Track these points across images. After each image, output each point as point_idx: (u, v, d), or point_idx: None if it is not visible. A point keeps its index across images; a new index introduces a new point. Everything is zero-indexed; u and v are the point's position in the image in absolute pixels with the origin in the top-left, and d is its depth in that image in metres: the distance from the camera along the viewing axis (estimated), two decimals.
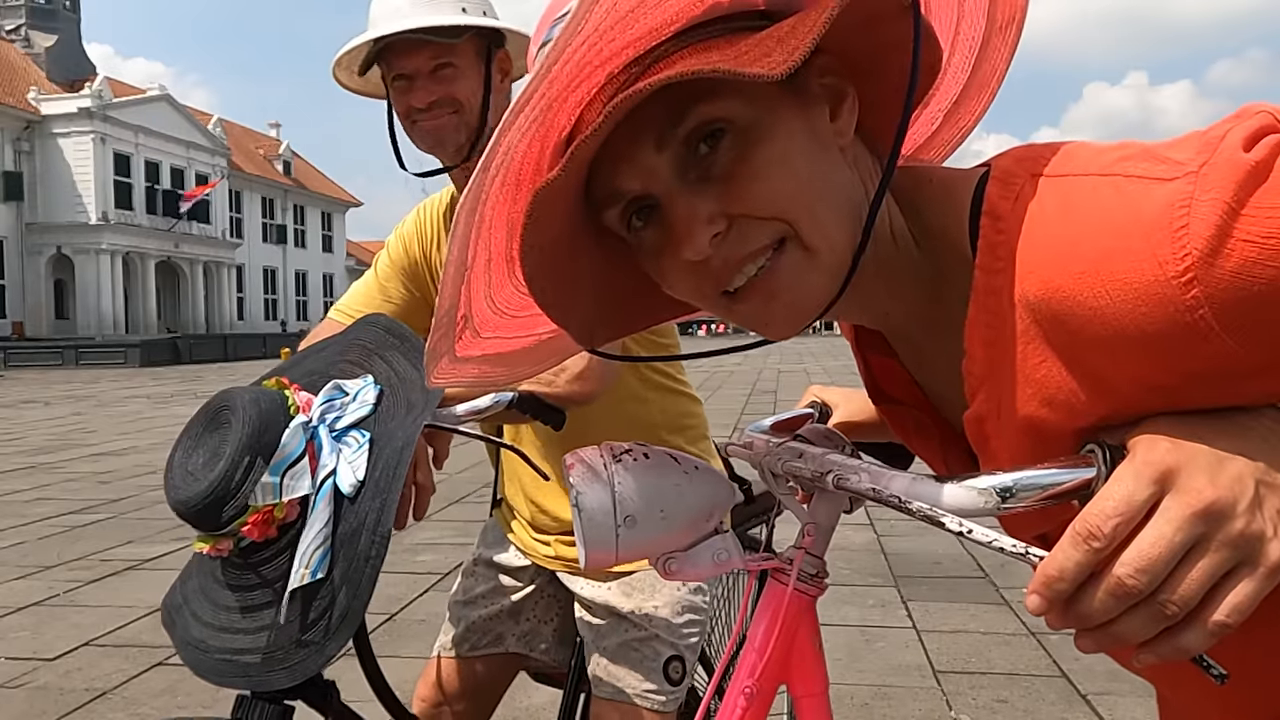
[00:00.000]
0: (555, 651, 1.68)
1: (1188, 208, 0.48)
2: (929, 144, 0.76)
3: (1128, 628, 0.51)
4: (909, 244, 0.66)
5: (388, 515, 1.03)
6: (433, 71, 1.44)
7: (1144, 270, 0.49)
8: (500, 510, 1.72)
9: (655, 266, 0.64)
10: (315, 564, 1.01)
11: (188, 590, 1.16)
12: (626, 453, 0.68)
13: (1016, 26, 0.68)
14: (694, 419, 1.62)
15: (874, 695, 2.98)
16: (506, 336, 0.73)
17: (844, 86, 0.63)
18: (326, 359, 1.25)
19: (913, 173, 0.68)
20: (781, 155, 0.59)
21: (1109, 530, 0.50)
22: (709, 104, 0.59)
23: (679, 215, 0.60)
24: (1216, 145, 0.49)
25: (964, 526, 0.55)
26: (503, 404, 1.25)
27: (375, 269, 1.66)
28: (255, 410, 1.05)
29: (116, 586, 4.35)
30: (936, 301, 0.65)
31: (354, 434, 1.09)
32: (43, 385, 19.74)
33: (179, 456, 1.08)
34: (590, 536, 0.66)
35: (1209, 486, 0.50)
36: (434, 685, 1.65)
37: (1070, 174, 0.56)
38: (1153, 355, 0.51)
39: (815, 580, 0.72)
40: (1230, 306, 0.48)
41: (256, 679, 1.05)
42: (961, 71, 0.71)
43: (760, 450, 0.77)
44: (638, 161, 0.60)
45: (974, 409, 0.63)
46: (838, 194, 0.61)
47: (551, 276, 0.63)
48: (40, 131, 35.94)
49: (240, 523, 1.03)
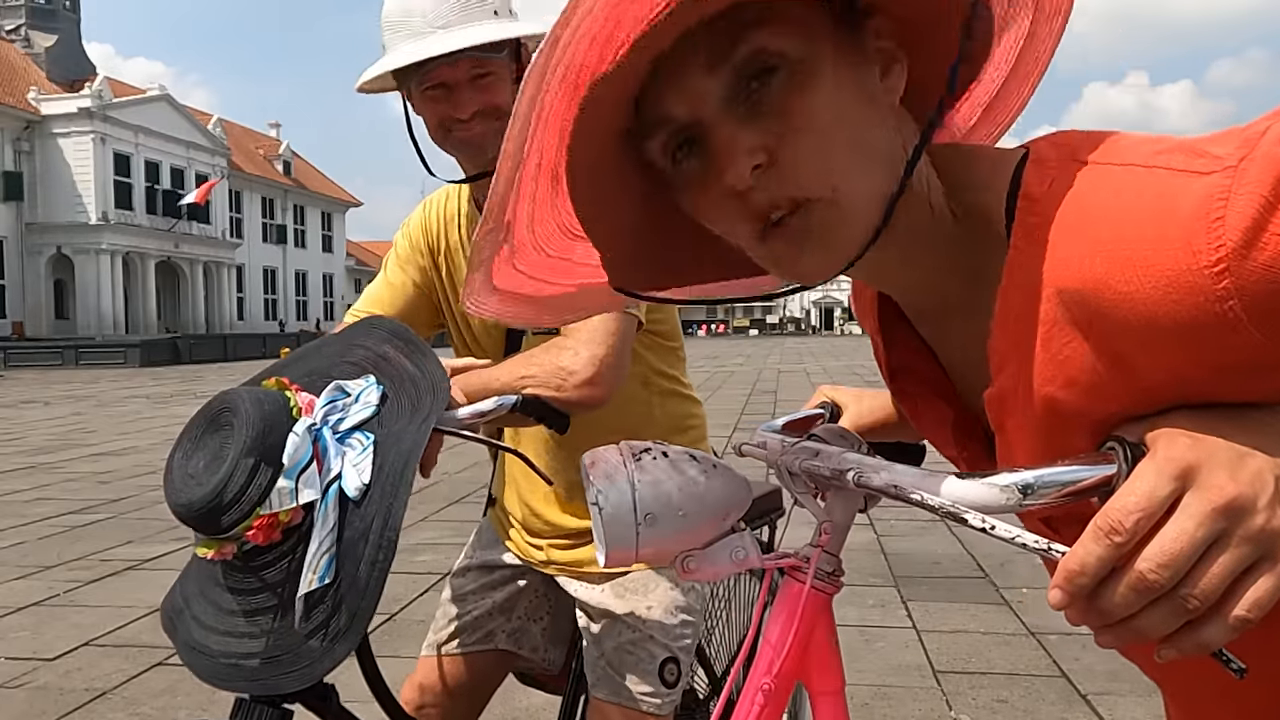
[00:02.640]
0: (544, 651, 1.67)
1: (1225, 200, 0.49)
2: (972, 133, 0.77)
3: (1149, 622, 0.51)
4: (945, 216, 0.66)
5: (395, 519, 1.01)
6: (472, 80, 1.42)
7: (1178, 259, 0.50)
8: (494, 512, 1.71)
9: (695, 201, 0.65)
10: (323, 569, 1.00)
11: (188, 593, 1.15)
12: (646, 452, 0.68)
13: (1064, 17, 0.68)
14: (695, 420, 1.62)
15: (874, 695, 2.98)
16: (537, 277, 0.73)
17: (896, 52, 0.64)
18: (326, 359, 1.23)
19: (955, 149, 0.69)
20: (830, 97, 0.60)
21: (1131, 525, 0.50)
22: (768, 31, 0.59)
23: (722, 141, 0.61)
24: (1256, 141, 0.50)
25: (986, 523, 0.55)
26: (506, 407, 1.22)
27: (384, 269, 1.66)
28: (258, 412, 1.04)
29: (116, 586, 4.35)
30: (969, 277, 0.66)
31: (357, 436, 1.07)
32: (43, 385, 19.73)
33: (178, 459, 1.07)
34: (611, 535, 0.66)
35: (1230, 482, 0.50)
36: (423, 684, 1.64)
37: (1111, 163, 0.56)
38: (1180, 344, 0.51)
39: (832, 578, 0.72)
40: (1260, 300, 0.48)
41: (262, 682, 1.04)
42: (1006, 61, 0.71)
43: (775, 450, 0.77)
44: (687, 86, 0.60)
45: (997, 386, 0.63)
46: (878, 147, 0.62)
47: (596, 199, 0.64)
48: (40, 131, 35.93)
49: (245, 527, 1.01)
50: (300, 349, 1.33)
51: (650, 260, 0.72)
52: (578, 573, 1.56)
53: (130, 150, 37.82)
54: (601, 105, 0.58)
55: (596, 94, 0.57)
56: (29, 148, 35.84)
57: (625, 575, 1.50)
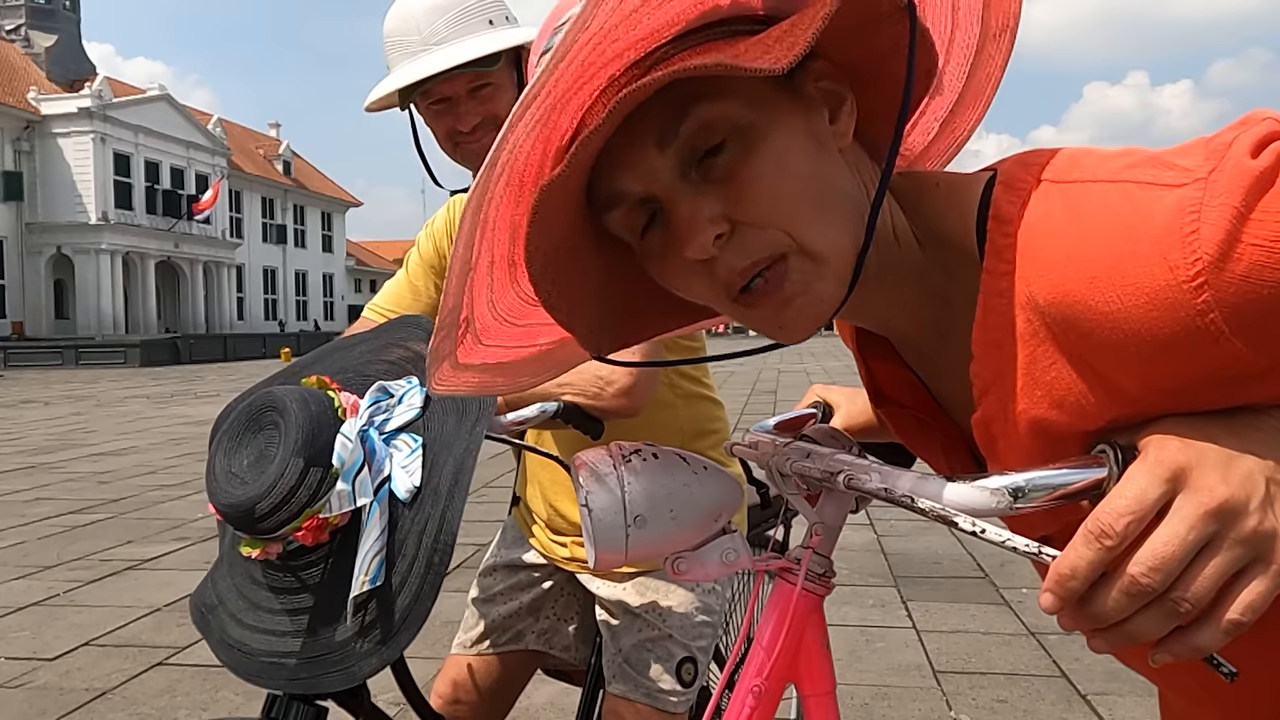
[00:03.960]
0: (576, 650, 1.69)
1: (1198, 213, 0.49)
2: (926, 154, 0.77)
3: (1140, 627, 0.51)
4: (912, 246, 0.66)
5: (451, 524, 1.01)
6: (471, 92, 1.44)
7: (1155, 275, 0.50)
8: (519, 510, 1.73)
9: (662, 270, 0.64)
10: (375, 571, 1.00)
11: (221, 590, 1.14)
12: (635, 453, 0.68)
13: (1010, 34, 0.68)
14: (719, 423, 1.63)
15: (874, 695, 2.98)
16: (507, 345, 0.73)
17: (842, 91, 0.64)
18: (359, 357, 1.23)
19: (916, 177, 0.68)
20: (782, 155, 0.60)
21: (1121, 528, 0.50)
22: (709, 104, 0.59)
23: (682, 215, 0.60)
24: (1224, 152, 0.50)
25: (977, 526, 0.55)
26: (548, 414, 1.26)
27: (406, 267, 1.67)
28: (305, 413, 1.03)
29: (116, 586, 4.35)
30: (944, 304, 0.65)
31: (404, 438, 1.07)
32: (42, 385, 19.73)
33: (220, 459, 1.05)
34: (600, 537, 0.66)
35: (1221, 484, 0.50)
36: (453, 682, 1.66)
37: (1078, 180, 0.56)
38: (1163, 359, 0.51)
39: (823, 580, 0.72)
40: (1240, 309, 0.48)
41: (306, 681, 1.03)
42: (957, 80, 0.71)
43: (766, 450, 0.77)
44: (640, 163, 0.60)
45: (981, 411, 0.63)
46: (838, 195, 0.62)
47: (558, 281, 0.63)
48: (40, 131, 35.94)
49: (294, 527, 1.01)
50: (329, 344, 1.32)
51: (621, 325, 0.72)
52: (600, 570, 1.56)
53: (130, 150, 37.83)
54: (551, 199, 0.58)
55: (545, 196, 0.57)
56: (29, 148, 35.85)
57: (647, 574, 1.51)
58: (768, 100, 0.60)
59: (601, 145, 0.58)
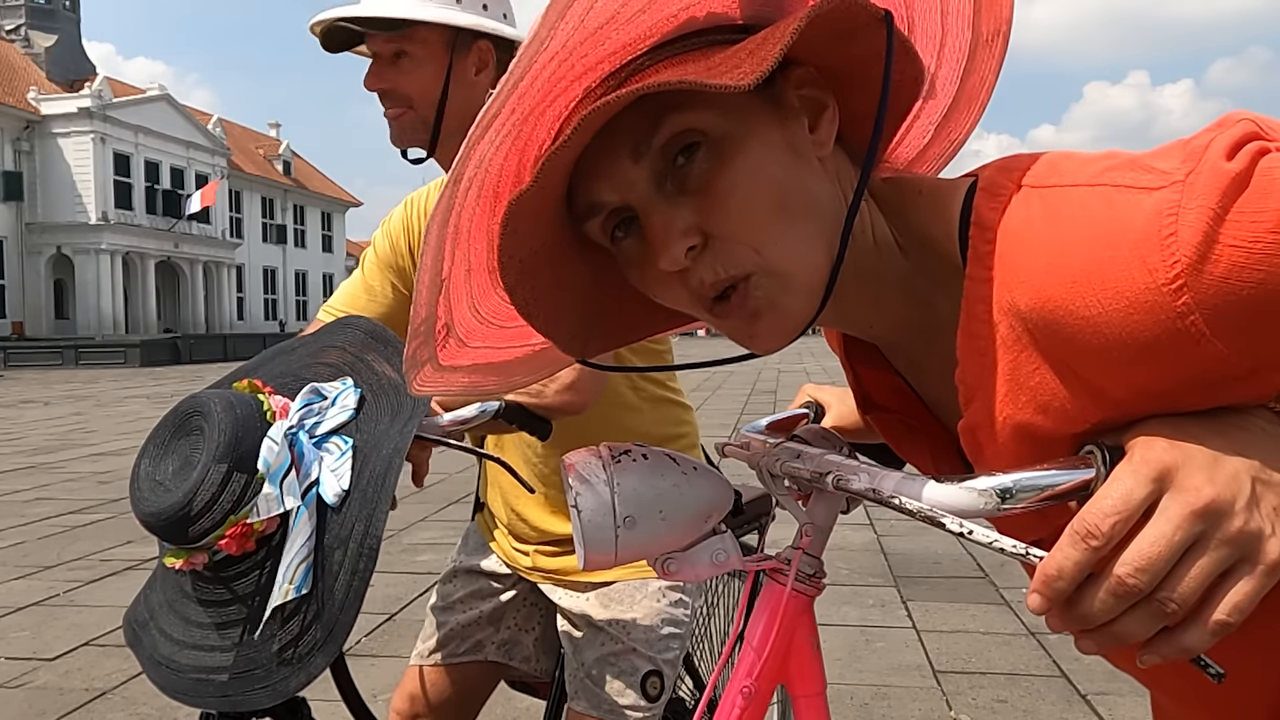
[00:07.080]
0: (537, 661, 1.64)
1: (1175, 216, 0.49)
2: (921, 158, 0.77)
3: (1128, 627, 0.51)
4: (893, 252, 0.66)
5: (376, 526, 0.97)
6: (393, 58, 1.39)
7: (1134, 279, 0.50)
8: (482, 516, 1.68)
9: (639, 276, 0.65)
10: (300, 579, 0.96)
11: (153, 605, 1.10)
12: (625, 453, 0.68)
13: (1003, 39, 0.68)
14: (686, 427, 1.59)
15: (874, 695, 2.98)
16: (497, 346, 0.73)
17: (823, 98, 0.63)
18: (299, 360, 1.19)
19: (899, 183, 0.68)
20: (756, 166, 0.60)
21: (1107, 529, 0.50)
22: (683, 114, 0.59)
23: (655, 227, 0.60)
24: (1201, 154, 0.50)
25: (964, 527, 0.55)
26: (488, 414, 1.21)
27: (362, 267, 1.60)
28: (230, 417, 0.99)
29: (116, 586, 4.35)
30: (929, 310, 0.65)
31: (335, 440, 1.03)
32: (42, 385, 19.74)
33: (145, 466, 1.02)
34: (590, 538, 0.66)
35: (1207, 485, 0.50)
36: (410, 696, 1.60)
37: (1057, 185, 0.56)
38: (1145, 362, 0.51)
39: (813, 580, 0.72)
40: (1220, 311, 0.48)
41: (234, 698, 0.99)
42: (950, 84, 0.71)
43: (757, 451, 0.77)
44: (615, 173, 0.61)
45: (967, 417, 0.63)
46: (813, 207, 0.61)
47: (534, 289, 0.64)
48: (40, 131, 35.94)
49: (217, 536, 0.97)
50: (270, 349, 1.27)
51: (603, 329, 0.72)
52: (563, 580, 1.52)
53: (130, 150, 37.82)
54: (523, 211, 0.58)
55: (515, 208, 0.57)
56: (29, 148, 35.84)
57: (611, 585, 1.46)
58: (744, 110, 0.60)
59: (574, 158, 0.58)
